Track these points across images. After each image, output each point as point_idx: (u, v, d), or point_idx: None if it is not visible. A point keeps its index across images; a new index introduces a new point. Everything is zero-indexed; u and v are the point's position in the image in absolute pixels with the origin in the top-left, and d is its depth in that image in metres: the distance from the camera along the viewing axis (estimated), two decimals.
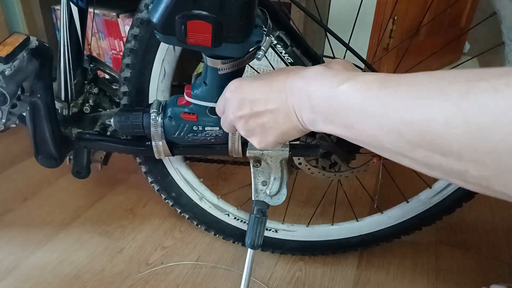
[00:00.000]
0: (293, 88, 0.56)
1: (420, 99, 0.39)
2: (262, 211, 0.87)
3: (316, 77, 0.53)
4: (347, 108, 0.47)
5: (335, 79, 0.50)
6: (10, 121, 0.81)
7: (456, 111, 0.35)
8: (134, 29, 0.84)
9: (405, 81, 0.42)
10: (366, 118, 0.45)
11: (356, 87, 0.47)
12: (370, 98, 0.44)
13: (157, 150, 0.87)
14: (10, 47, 0.75)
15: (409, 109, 0.40)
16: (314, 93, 0.52)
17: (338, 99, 0.48)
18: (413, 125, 0.39)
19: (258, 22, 0.67)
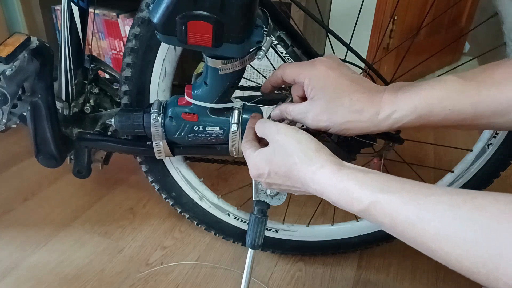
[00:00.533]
0: (309, 188, 0.59)
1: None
2: (262, 211, 0.87)
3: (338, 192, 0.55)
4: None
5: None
6: (11, 121, 0.81)
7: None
8: (135, 28, 0.83)
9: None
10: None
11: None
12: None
13: (158, 150, 0.87)
14: (11, 47, 0.75)
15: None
16: (344, 204, 0.54)
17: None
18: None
19: (258, 22, 0.67)
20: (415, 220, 0.45)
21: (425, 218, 0.44)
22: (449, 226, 0.42)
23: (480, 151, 0.95)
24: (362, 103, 0.62)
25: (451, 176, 1.01)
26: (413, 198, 0.47)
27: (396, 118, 0.60)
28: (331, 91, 0.63)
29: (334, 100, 0.63)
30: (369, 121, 0.62)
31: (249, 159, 0.69)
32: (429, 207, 0.45)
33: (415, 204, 0.46)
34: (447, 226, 0.42)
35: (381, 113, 0.61)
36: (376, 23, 1.69)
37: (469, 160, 0.97)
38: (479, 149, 0.95)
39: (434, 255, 0.44)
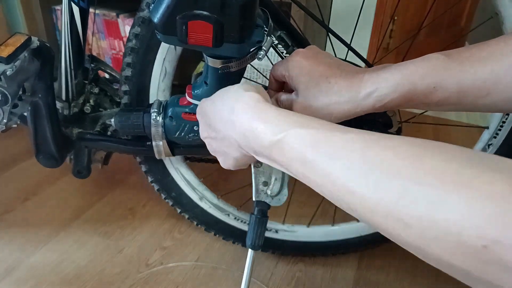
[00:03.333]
0: (235, 123, 0.56)
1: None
2: (263, 212, 0.87)
3: (252, 117, 0.53)
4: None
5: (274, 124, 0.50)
6: (11, 121, 0.81)
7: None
8: (135, 28, 0.84)
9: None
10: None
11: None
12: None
13: (158, 150, 0.87)
14: (11, 48, 0.75)
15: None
16: (257, 139, 0.52)
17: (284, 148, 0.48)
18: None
19: (259, 22, 0.67)
20: (323, 157, 0.43)
21: (333, 156, 0.42)
22: (356, 167, 0.40)
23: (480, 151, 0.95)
24: (340, 85, 0.61)
25: None
26: (328, 135, 0.44)
27: (377, 96, 0.58)
28: (308, 78, 0.63)
29: (312, 86, 0.63)
30: (350, 102, 0.60)
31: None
32: (341, 144, 0.43)
33: (328, 140, 0.44)
34: (353, 166, 0.40)
35: (361, 92, 0.59)
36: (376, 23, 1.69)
37: None
38: (479, 150, 0.95)
39: (339, 199, 0.42)
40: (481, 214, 0.31)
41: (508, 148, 0.91)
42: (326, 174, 0.43)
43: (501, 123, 0.90)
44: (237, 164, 0.64)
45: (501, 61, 0.52)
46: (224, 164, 0.66)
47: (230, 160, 0.64)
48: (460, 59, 0.55)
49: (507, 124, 0.89)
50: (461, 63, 0.55)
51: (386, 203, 0.37)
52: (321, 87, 0.62)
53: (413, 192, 0.35)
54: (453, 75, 0.55)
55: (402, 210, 0.35)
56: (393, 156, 0.38)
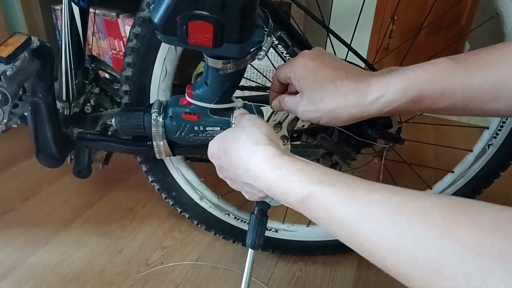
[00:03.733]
0: (249, 172, 0.57)
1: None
2: (263, 211, 0.87)
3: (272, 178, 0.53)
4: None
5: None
6: (11, 121, 0.81)
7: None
8: (135, 28, 0.84)
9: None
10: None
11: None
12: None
13: (158, 150, 0.87)
14: (11, 47, 0.75)
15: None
16: (282, 195, 0.53)
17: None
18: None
19: (259, 22, 0.67)
20: (352, 218, 0.43)
21: (363, 218, 0.42)
22: (387, 231, 0.40)
23: (480, 151, 0.95)
24: (347, 88, 0.60)
25: (451, 176, 1.01)
26: (353, 194, 0.45)
27: (385, 101, 0.58)
28: (313, 80, 0.62)
29: (318, 89, 0.62)
30: (356, 106, 0.59)
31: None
32: (368, 206, 0.43)
33: (353, 200, 0.44)
34: (385, 230, 0.40)
35: (368, 97, 0.58)
36: (376, 23, 1.69)
37: (469, 161, 0.97)
38: (479, 150, 0.95)
39: (370, 257, 0.42)
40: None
41: (508, 148, 0.91)
42: (355, 234, 0.43)
43: (502, 123, 0.90)
44: (263, 198, 0.67)
45: (508, 66, 0.52)
46: (250, 198, 0.68)
47: (255, 197, 0.66)
48: (466, 64, 0.55)
49: (508, 124, 0.89)
50: (468, 68, 0.54)
51: (423, 273, 0.36)
52: (326, 90, 0.61)
53: (453, 265, 0.34)
54: (460, 79, 0.54)
55: (440, 284, 0.35)
56: (423, 222, 0.38)
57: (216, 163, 0.67)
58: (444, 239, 0.35)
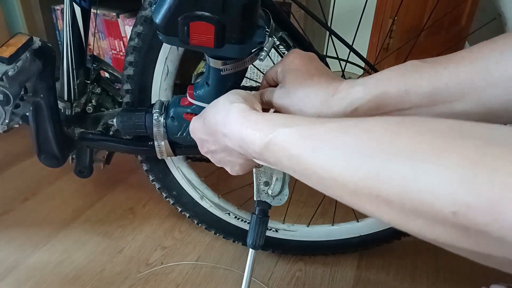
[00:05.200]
0: (225, 133, 0.57)
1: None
2: (264, 212, 0.87)
3: (241, 125, 0.54)
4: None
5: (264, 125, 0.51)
6: (13, 122, 0.81)
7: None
8: (137, 27, 0.84)
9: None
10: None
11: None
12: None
13: (160, 150, 0.87)
14: (13, 48, 0.75)
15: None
16: (250, 145, 0.52)
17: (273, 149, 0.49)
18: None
19: (260, 23, 0.67)
20: (308, 152, 0.44)
21: (318, 146, 0.43)
22: (337, 151, 0.41)
23: None
24: (320, 84, 0.62)
25: None
26: (309, 129, 0.45)
27: (349, 100, 0.58)
28: (295, 74, 0.64)
29: (297, 81, 0.64)
30: (323, 102, 0.61)
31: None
32: (323, 135, 0.43)
33: (309, 135, 0.45)
34: (335, 151, 0.41)
35: (335, 95, 0.60)
36: (376, 24, 1.70)
37: None
38: None
39: (326, 187, 0.43)
40: (451, 181, 0.31)
41: None
42: (311, 166, 0.43)
43: None
44: (244, 169, 0.65)
45: (475, 64, 0.52)
46: (233, 172, 0.67)
47: (236, 167, 0.65)
48: (434, 63, 0.55)
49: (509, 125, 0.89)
50: (434, 66, 0.54)
51: (366, 183, 0.37)
52: (303, 81, 0.63)
53: (389, 169, 0.36)
54: (426, 77, 0.54)
55: (381, 187, 0.36)
56: (369, 138, 0.39)
57: (197, 137, 0.67)
58: (384, 146, 0.37)
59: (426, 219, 0.34)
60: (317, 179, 0.44)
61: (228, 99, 0.59)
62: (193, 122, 0.68)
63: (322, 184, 0.43)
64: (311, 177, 0.44)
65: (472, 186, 0.30)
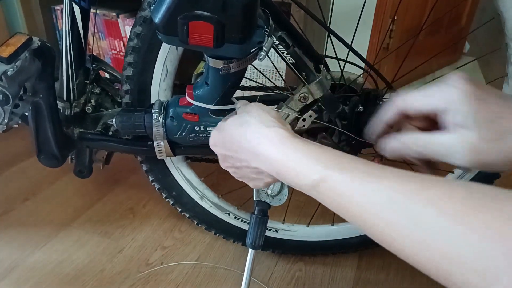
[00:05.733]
0: (258, 158, 0.57)
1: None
2: (263, 212, 0.87)
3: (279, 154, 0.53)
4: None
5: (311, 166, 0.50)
6: (12, 121, 0.81)
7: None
8: (137, 27, 0.84)
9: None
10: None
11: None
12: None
13: (159, 150, 0.87)
14: (12, 48, 0.75)
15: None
16: (295, 177, 0.52)
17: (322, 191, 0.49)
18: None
19: (260, 22, 0.67)
20: (364, 204, 0.43)
21: (377, 203, 0.42)
22: (401, 218, 0.40)
23: None
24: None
25: (451, 176, 1.01)
26: (366, 180, 0.44)
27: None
28: (488, 113, 0.48)
29: (497, 124, 0.48)
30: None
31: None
32: (382, 192, 0.42)
33: (366, 186, 0.44)
34: (398, 218, 0.40)
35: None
36: (376, 24, 1.69)
37: None
38: None
39: (383, 242, 0.43)
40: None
41: None
42: (367, 220, 0.44)
43: None
44: (267, 184, 0.65)
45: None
46: (255, 187, 0.68)
47: (261, 183, 0.65)
48: None
49: None
50: None
51: (435, 261, 0.40)
52: (497, 128, 0.48)
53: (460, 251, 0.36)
54: None
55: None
56: (435, 212, 0.38)
57: (220, 152, 0.66)
58: (455, 225, 0.36)
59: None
60: (377, 235, 0.43)
61: (261, 121, 0.58)
62: (214, 137, 0.67)
63: (380, 240, 0.43)
64: (366, 228, 0.44)
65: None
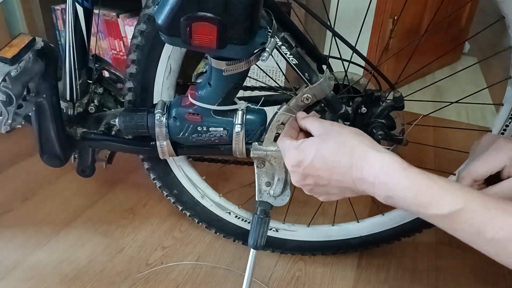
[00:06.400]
0: (362, 177, 0.58)
1: None
2: (265, 212, 0.88)
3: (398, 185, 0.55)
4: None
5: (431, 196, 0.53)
6: (16, 122, 0.81)
7: None
8: (140, 25, 0.84)
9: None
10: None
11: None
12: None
13: (162, 150, 0.87)
14: (16, 48, 0.75)
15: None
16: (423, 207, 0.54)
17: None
18: None
19: (263, 23, 0.67)
20: (504, 239, 0.47)
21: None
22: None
23: None
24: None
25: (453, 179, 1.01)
26: (503, 215, 0.48)
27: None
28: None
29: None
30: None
31: (288, 148, 0.69)
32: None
33: (504, 221, 0.48)
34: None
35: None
36: (376, 24, 1.70)
37: None
38: None
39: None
40: None
41: None
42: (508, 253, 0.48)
43: (505, 127, 0.90)
44: (340, 198, 0.67)
45: None
46: (326, 200, 0.69)
47: (334, 197, 0.66)
48: None
49: (510, 128, 0.89)
50: None
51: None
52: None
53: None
54: None
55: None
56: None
57: (302, 171, 0.66)
58: None
59: None
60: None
61: (368, 145, 0.60)
62: (295, 157, 0.66)
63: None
64: (498, 254, 0.49)
65: None
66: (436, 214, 0.52)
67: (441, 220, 0.52)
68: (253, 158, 0.87)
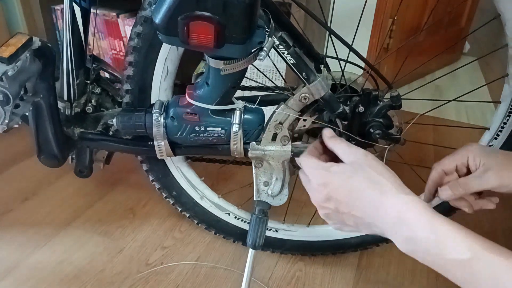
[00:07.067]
0: (386, 216, 0.59)
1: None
2: (263, 212, 0.87)
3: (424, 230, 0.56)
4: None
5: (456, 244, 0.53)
6: (13, 122, 0.81)
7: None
8: (137, 27, 0.83)
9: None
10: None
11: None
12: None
13: (159, 150, 0.87)
14: (13, 48, 0.75)
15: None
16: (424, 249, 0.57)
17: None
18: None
19: (260, 22, 0.67)
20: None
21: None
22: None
23: None
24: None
25: None
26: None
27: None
28: (494, 155, 0.73)
29: (506, 159, 0.71)
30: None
31: (315, 167, 0.68)
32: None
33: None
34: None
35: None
36: (376, 23, 1.70)
37: None
38: None
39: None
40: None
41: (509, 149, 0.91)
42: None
43: (502, 125, 0.90)
44: (352, 231, 0.68)
45: None
46: (338, 229, 0.68)
47: (347, 228, 0.66)
48: None
49: (508, 125, 0.89)
50: None
51: None
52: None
53: None
54: None
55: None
56: None
57: (327, 193, 0.65)
58: None
59: None
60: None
61: (396, 186, 0.60)
62: (325, 177, 0.66)
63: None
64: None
65: None
66: (455, 260, 0.52)
67: (461, 266, 0.52)
68: (251, 157, 0.87)
